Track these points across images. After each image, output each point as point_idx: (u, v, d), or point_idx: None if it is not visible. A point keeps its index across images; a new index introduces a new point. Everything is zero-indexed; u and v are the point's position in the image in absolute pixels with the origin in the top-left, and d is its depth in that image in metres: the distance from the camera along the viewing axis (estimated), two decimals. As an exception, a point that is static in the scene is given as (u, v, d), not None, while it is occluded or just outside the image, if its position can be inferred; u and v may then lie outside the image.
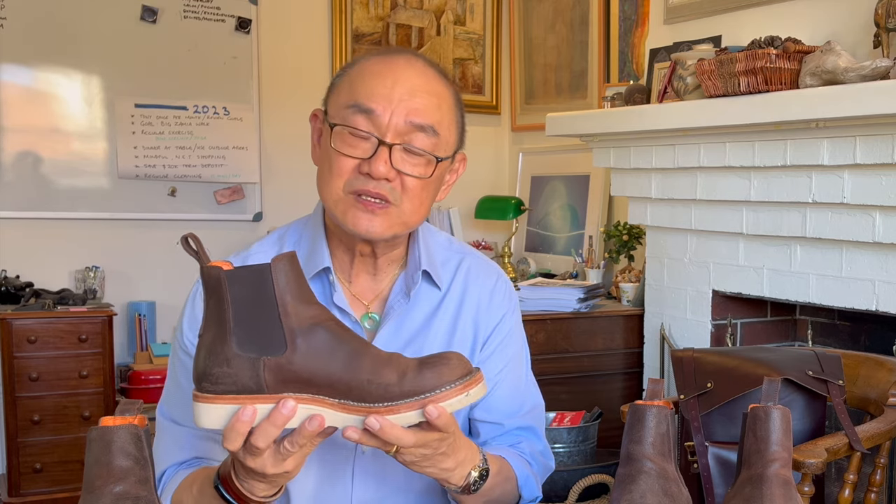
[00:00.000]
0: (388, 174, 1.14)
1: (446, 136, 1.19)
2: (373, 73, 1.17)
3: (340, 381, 0.93)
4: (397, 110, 1.14)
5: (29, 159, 3.55)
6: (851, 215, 2.22)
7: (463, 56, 4.36)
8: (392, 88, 1.15)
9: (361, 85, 1.16)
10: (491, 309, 1.32)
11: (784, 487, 0.96)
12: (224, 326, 0.92)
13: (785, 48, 2.22)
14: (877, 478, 1.85)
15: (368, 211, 1.16)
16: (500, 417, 1.31)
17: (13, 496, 3.21)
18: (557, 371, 2.93)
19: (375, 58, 1.20)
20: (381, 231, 1.17)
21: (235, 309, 0.92)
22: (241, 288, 0.92)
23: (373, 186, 1.14)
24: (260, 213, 3.93)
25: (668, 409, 1.00)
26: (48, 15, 3.55)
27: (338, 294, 1.23)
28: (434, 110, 1.17)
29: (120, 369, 3.56)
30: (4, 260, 3.50)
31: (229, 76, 3.86)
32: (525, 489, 1.27)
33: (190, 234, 0.93)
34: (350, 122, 1.15)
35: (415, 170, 1.17)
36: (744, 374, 1.90)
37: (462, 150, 1.27)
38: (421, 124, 1.15)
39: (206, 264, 0.93)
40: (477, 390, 0.97)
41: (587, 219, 3.76)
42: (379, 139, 1.14)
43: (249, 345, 0.92)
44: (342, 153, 1.15)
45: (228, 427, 0.92)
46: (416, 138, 1.16)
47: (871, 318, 2.51)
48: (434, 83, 1.19)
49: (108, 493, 0.87)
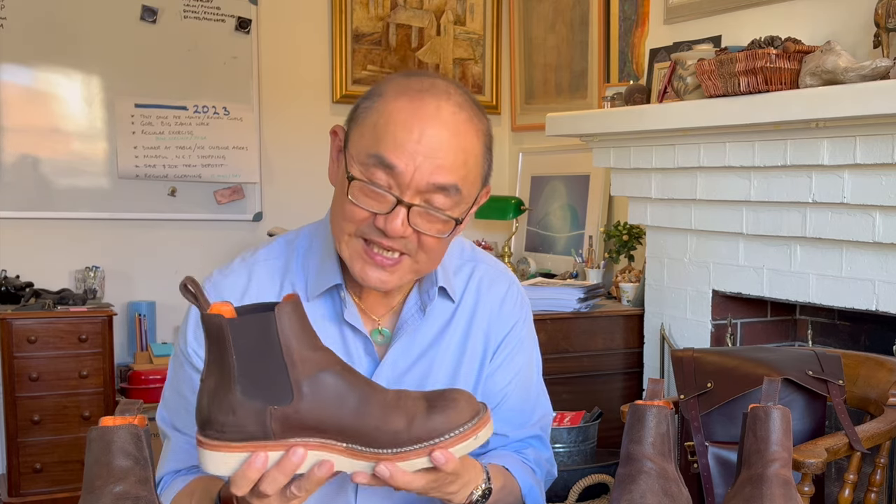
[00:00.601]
0: (405, 232, 1.09)
1: (469, 192, 1.13)
2: (399, 122, 1.08)
3: (349, 427, 0.92)
4: (421, 168, 1.07)
5: (29, 159, 3.55)
6: (851, 215, 2.22)
7: (463, 56, 4.36)
8: (418, 143, 1.07)
9: (386, 134, 1.08)
10: (501, 318, 1.30)
11: (784, 487, 0.96)
12: (228, 374, 0.89)
13: (785, 48, 2.22)
14: (877, 478, 1.85)
15: (379, 266, 1.12)
16: (507, 429, 1.30)
17: (13, 496, 3.21)
18: (557, 371, 2.93)
19: (405, 97, 1.10)
20: (393, 285, 1.15)
21: (239, 357, 0.89)
22: (245, 336, 0.89)
23: (387, 242, 1.10)
24: (260, 213, 3.93)
25: (668, 409, 1.00)
26: (48, 15, 3.55)
27: (349, 311, 1.20)
28: (460, 167, 1.10)
29: (120, 369, 3.56)
30: (4, 260, 3.51)
31: (229, 76, 3.86)
32: (528, 498, 1.26)
33: (188, 279, 0.90)
34: (370, 177, 1.09)
35: (432, 228, 1.11)
36: (744, 374, 1.90)
37: (487, 185, 1.21)
38: (444, 184, 1.09)
39: (207, 311, 0.89)
40: (485, 432, 0.98)
41: (587, 219, 3.76)
42: (398, 198, 1.08)
43: (255, 393, 0.90)
44: (358, 206, 1.10)
45: (239, 474, 0.91)
46: (436, 198, 1.10)
47: (871, 318, 2.51)
48: (463, 135, 1.11)
49: (108, 493, 0.87)
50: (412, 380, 1.24)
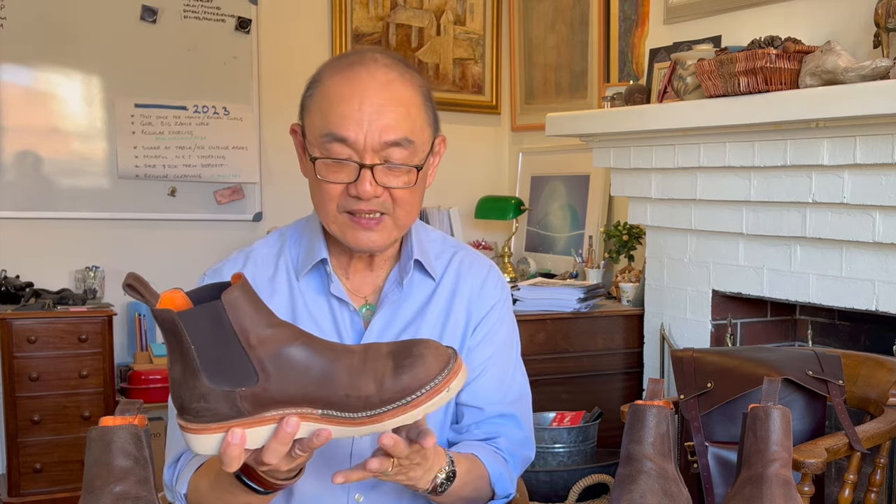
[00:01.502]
0: (376, 192, 1.19)
1: (421, 139, 1.23)
2: (339, 97, 1.19)
3: (319, 397, 0.93)
4: (370, 132, 1.17)
5: (29, 159, 3.55)
6: (851, 215, 2.22)
7: (463, 56, 4.36)
8: (360, 110, 1.18)
9: (330, 111, 1.19)
10: (482, 297, 1.36)
11: (784, 487, 0.96)
12: (191, 364, 0.90)
13: (785, 48, 2.22)
14: (877, 478, 1.85)
15: (366, 228, 1.22)
16: (483, 403, 1.34)
17: (13, 496, 3.21)
18: (557, 371, 2.93)
19: (339, 75, 1.21)
20: (381, 243, 1.25)
21: (198, 347, 0.90)
22: (198, 326, 0.89)
23: (365, 205, 1.20)
24: (260, 212, 3.93)
25: (668, 409, 1.00)
26: (48, 15, 3.55)
27: (335, 285, 1.29)
28: (404, 121, 1.20)
29: (120, 369, 3.56)
30: (4, 260, 3.50)
31: (229, 76, 3.86)
32: (498, 485, 1.30)
33: (131, 276, 0.89)
34: (328, 153, 1.19)
35: (399, 181, 1.21)
36: (744, 374, 1.90)
37: (439, 133, 1.30)
38: (395, 140, 1.19)
39: (154, 306, 0.89)
40: (457, 382, 0.98)
41: (587, 219, 3.76)
42: (359, 163, 1.19)
43: (220, 379, 0.91)
44: (328, 181, 1.21)
45: (221, 452, 0.94)
46: (393, 153, 1.19)
47: (871, 318, 2.51)
48: (399, 90, 1.21)
49: (108, 493, 0.87)
50: None
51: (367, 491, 1.27)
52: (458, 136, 4.25)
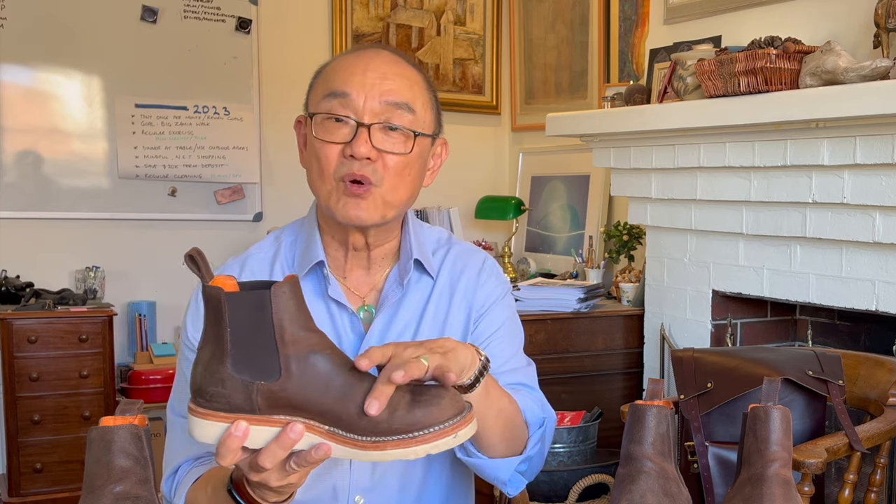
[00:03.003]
0: (370, 153, 1.19)
1: (422, 115, 1.24)
2: (344, 66, 1.23)
3: (332, 411, 0.93)
4: (371, 92, 1.20)
5: (29, 159, 3.55)
6: (851, 215, 2.22)
7: (463, 56, 4.36)
8: (364, 74, 1.21)
9: (335, 76, 1.23)
10: (480, 290, 1.36)
11: (784, 487, 0.96)
12: (222, 347, 0.92)
13: (785, 48, 2.22)
14: (877, 478, 1.85)
15: (355, 196, 1.20)
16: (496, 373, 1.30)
17: (13, 496, 3.21)
18: (557, 371, 2.93)
19: (345, 54, 1.27)
20: (368, 216, 1.22)
21: (233, 331, 0.91)
22: (240, 311, 0.91)
23: (357, 168, 1.19)
24: (260, 213, 3.93)
25: (668, 409, 1.00)
26: (48, 15, 3.55)
27: (332, 287, 1.28)
28: (406, 90, 1.22)
29: (120, 369, 3.56)
30: (4, 260, 3.50)
31: (229, 76, 3.86)
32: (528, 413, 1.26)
33: (195, 250, 0.93)
34: (328, 110, 1.21)
35: (395, 146, 1.21)
36: (744, 374, 1.90)
37: (441, 135, 1.32)
38: (396, 101, 1.21)
39: (208, 283, 0.92)
40: (466, 431, 0.97)
41: (587, 219, 3.76)
42: (357, 121, 1.19)
43: (244, 368, 0.92)
44: (325, 140, 1.21)
45: (220, 442, 0.93)
46: (392, 116, 1.21)
47: (871, 318, 2.51)
48: (403, 68, 1.25)
49: (108, 493, 0.87)
50: None
51: (367, 492, 1.26)
52: (458, 136, 4.25)
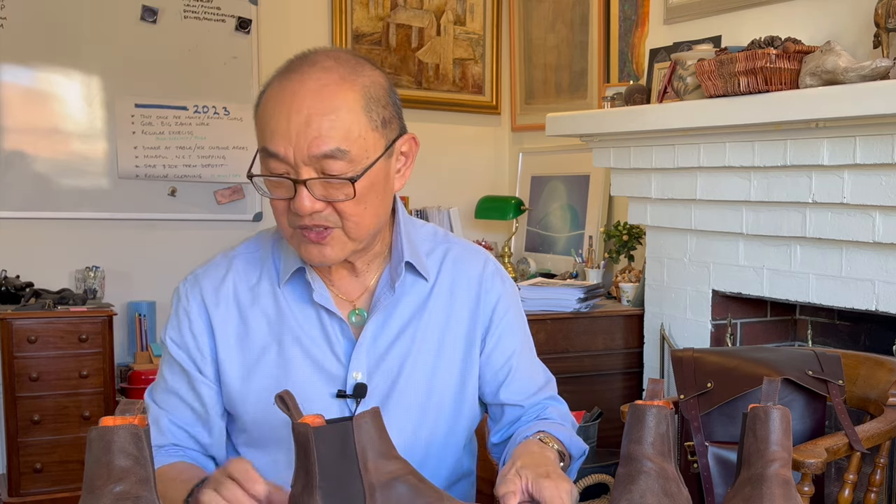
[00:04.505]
0: (315, 206, 1.14)
1: (360, 147, 1.14)
2: (271, 110, 1.15)
3: None
4: (298, 144, 1.12)
5: (29, 159, 3.55)
6: (851, 215, 2.22)
7: (463, 56, 4.36)
8: (288, 123, 1.12)
9: (265, 125, 1.15)
10: (484, 292, 1.34)
11: (784, 487, 0.96)
12: (312, 481, 0.94)
13: (785, 48, 2.22)
14: (877, 478, 1.85)
15: (316, 243, 1.18)
16: (521, 399, 1.35)
17: (13, 496, 3.21)
18: (557, 371, 2.90)
19: (275, 83, 1.17)
20: (334, 257, 1.20)
21: (321, 465, 0.94)
22: (326, 443, 0.94)
23: (308, 220, 1.15)
24: (260, 213, 3.93)
25: (668, 409, 1.00)
26: (48, 15, 3.55)
27: (317, 293, 1.25)
28: (334, 130, 1.12)
29: (120, 369, 3.56)
30: (4, 260, 3.50)
31: (229, 76, 3.86)
32: (573, 448, 1.30)
33: (285, 393, 0.96)
34: (266, 168, 1.16)
35: (339, 193, 1.15)
36: (744, 374, 1.90)
37: (404, 133, 1.22)
38: (325, 152, 1.12)
39: (297, 421, 0.95)
40: None
41: (587, 219, 3.76)
42: (293, 179, 1.13)
43: (333, 499, 0.94)
44: (273, 197, 1.18)
45: None
46: (326, 165, 1.13)
47: (871, 318, 2.51)
48: (330, 97, 1.13)
49: (109, 492, 0.87)
50: (394, 359, 1.27)
51: None
52: (458, 136, 4.26)
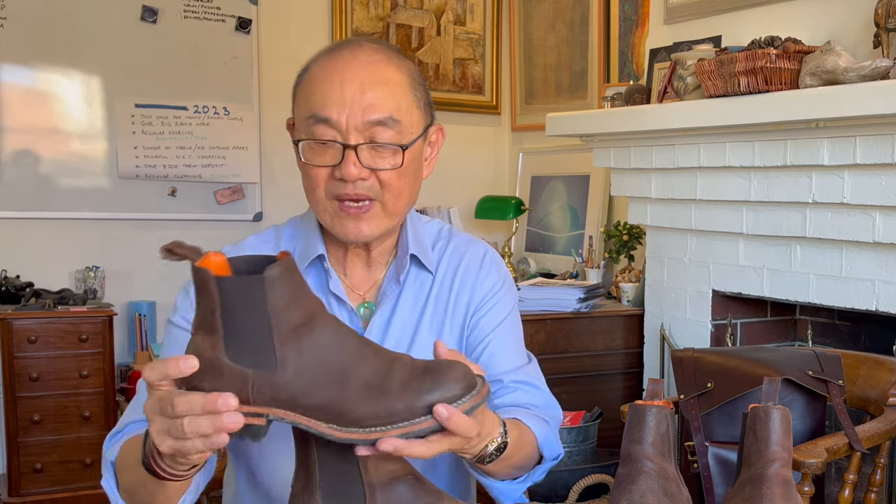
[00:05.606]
0: (361, 174, 1.17)
1: (408, 120, 1.20)
2: (321, 79, 1.18)
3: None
4: (352, 110, 1.15)
5: (29, 159, 3.55)
6: (851, 215, 2.22)
7: (463, 56, 4.36)
8: (342, 90, 1.16)
9: (313, 93, 1.18)
10: (480, 280, 1.34)
11: (784, 487, 0.96)
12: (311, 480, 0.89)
13: (785, 48, 2.22)
14: (877, 478, 1.85)
15: (353, 217, 1.20)
16: (499, 373, 1.31)
17: (13, 496, 3.21)
18: (557, 371, 2.93)
19: (322, 58, 1.21)
20: (370, 232, 1.22)
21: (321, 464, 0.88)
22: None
23: (350, 189, 1.18)
24: (260, 213, 3.93)
25: (668, 409, 1.00)
26: (48, 15, 3.55)
27: (333, 281, 1.27)
28: (388, 99, 1.17)
29: (120, 369, 3.56)
30: (4, 260, 3.50)
31: (229, 76, 3.86)
32: (546, 448, 1.25)
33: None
34: (312, 134, 1.18)
35: (385, 162, 1.18)
36: (744, 374, 1.90)
37: (434, 122, 1.28)
38: (379, 119, 1.16)
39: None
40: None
41: (587, 219, 3.76)
42: (343, 144, 1.16)
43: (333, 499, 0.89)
44: (314, 164, 1.19)
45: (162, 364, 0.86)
46: (377, 133, 1.17)
47: (871, 318, 2.51)
48: (382, 70, 1.19)
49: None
50: (400, 350, 1.25)
51: None
52: (458, 136, 4.25)
